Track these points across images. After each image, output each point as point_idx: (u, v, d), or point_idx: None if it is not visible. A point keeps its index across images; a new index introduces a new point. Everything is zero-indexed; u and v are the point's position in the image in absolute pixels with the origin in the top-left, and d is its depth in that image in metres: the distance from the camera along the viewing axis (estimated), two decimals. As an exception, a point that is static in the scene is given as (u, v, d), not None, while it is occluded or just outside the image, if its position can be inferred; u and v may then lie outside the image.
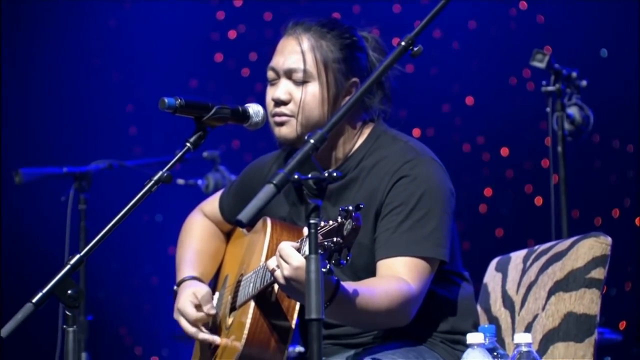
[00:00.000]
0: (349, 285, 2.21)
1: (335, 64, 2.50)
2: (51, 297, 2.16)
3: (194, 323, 2.52)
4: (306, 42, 2.50)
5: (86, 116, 4.68)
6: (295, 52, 2.50)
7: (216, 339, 2.51)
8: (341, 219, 2.00)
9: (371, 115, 2.55)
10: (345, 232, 1.99)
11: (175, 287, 2.61)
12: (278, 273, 2.15)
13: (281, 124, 2.49)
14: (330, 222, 2.02)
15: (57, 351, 3.23)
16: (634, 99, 4.51)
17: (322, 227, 2.03)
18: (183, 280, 2.60)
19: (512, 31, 4.66)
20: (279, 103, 2.49)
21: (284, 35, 2.55)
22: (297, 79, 2.49)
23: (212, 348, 2.57)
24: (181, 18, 4.81)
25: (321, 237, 2.01)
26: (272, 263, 2.17)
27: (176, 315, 2.55)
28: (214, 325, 2.57)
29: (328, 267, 2.01)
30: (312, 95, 2.48)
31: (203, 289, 2.56)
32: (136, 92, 4.69)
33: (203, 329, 2.52)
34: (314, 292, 1.92)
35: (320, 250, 1.95)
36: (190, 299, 2.53)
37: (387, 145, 2.50)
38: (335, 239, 1.99)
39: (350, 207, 2.01)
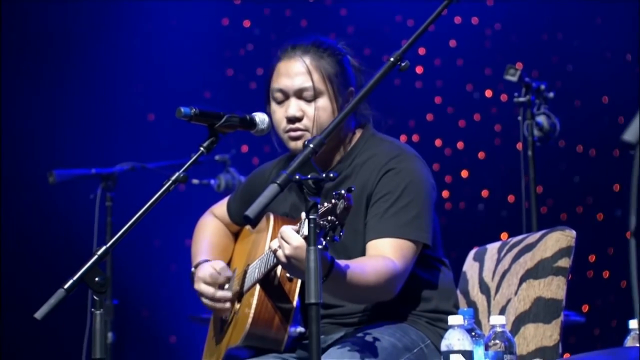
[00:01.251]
0: (342, 263, 2.21)
1: (335, 78, 2.49)
2: (81, 283, 2.15)
3: (212, 284, 2.51)
4: (309, 63, 2.49)
5: (112, 123, 4.67)
6: (302, 73, 2.48)
7: (227, 294, 2.49)
8: (334, 200, 2.00)
9: (361, 121, 2.55)
10: (338, 211, 1.98)
11: (192, 269, 2.60)
12: (280, 252, 2.15)
13: (297, 138, 2.48)
14: (325, 204, 2.02)
15: (87, 331, 3.23)
16: (596, 109, 4.51)
17: (320, 208, 2.03)
18: (199, 264, 2.59)
19: (487, 49, 4.65)
20: (293, 120, 2.48)
21: (284, 59, 2.52)
22: (307, 97, 2.48)
23: (223, 327, 2.56)
24: (199, 37, 4.81)
25: (317, 218, 2.01)
26: (274, 244, 2.17)
27: (197, 284, 2.53)
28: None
29: (324, 243, 2.00)
30: (323, 109, 2.48)
31: (219, 263, 2.56)
32: (157, 102, 4.68)
33: (228, 293, 2.51)
34: (313, 279, 1.92)
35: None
36: (209, 269, 2.52)
37: (376, 145, 2.50)
38: (329, 218, 1.98)
39: (342, 190, 2.01)
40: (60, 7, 4.73)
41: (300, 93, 2.49)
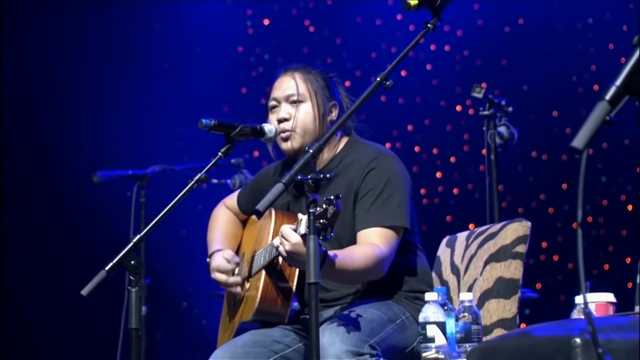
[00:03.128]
0: (334, 253, 2.20)
1: (320, 90, 2.49)
2: (119, 266, 2.15)
3: (225, 272, 2.49)
4: (298, 76, 2.49)
5: (146, 132, 4.67)
6: (290, 83, 2.48)
7: (238, 280, 2.48)
8: (325, 205, 1.99)
9: (346, 130, 2.53)
10: (328, 215, 1.97)
11: (207, 259, 2.59)
12: (281, 248, 2.14)
13: (286, 139, 2.47)
14: (318, 209, 2.00)
15: (124, 305, 3.21)
16: (547, 121, 4.50)
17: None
18: (213, 253, 2.58)
19: (457, 71, 4.64)
20: (281, 121, 2.47)
21: (279, 77, 2.53)
22: (293, 100, 2.48)
23: (235, 306, 2.55)
24: (219, 61, 4.81)
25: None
26: (276, 241, 2.16)
27: (212, 274, 2.52)
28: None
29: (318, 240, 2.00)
30: (306, 112, 2.46)
31: (229, 252, 2.55)
32: (183, 115, 4.68)
33: (238, 278, 2.50)
34: (313, 263, 1.90)
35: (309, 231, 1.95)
36: (221, 260, 2.51)
37: (359, 149, 2.49)
38: (321, 221, 1.97)
39: (332, 197, 2.00)
40: (98, 32, 4.73)
41: (287, 98, 2.48)
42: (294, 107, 2.47)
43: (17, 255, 4.54)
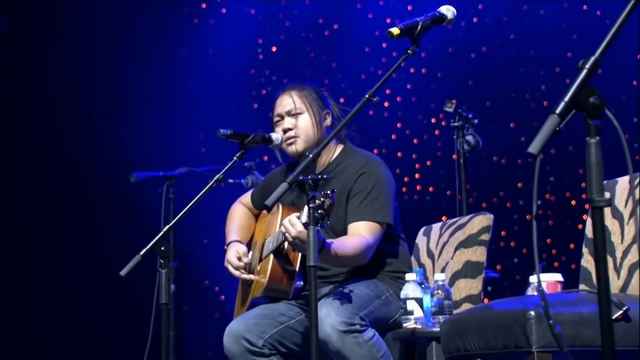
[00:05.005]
0: (330, 241, 2.20)
1: (314, 102, 2.49)
2: (152, 251, 2.14)
3: (236, 268, 2.49)
4: (294, 93, 2.50)
5: (174, 139, 4.67)
6: (289, 101, 2.49)
7: (251, 276, 2.48)
8: (322, 199, 1.98)
9: (340, 138, 2.53)
10: (325, 206, 1.97)
11: (225, 247, 2.58)
12: (287, 235, 2.13)
13: (291, 143, 2.48)
14: (316, 202, 2.00)
15: (156, 284, 3.20)
16: (506, 132, 4.49)
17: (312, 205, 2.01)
18: (230, 243, 2.57)
19: (433, 89, 4.63)
20: (286, 130, 2.47)
21: (279, 96, 2.54)
22: (293, 114, 2.48)
23: (249, 285, 2.54)
24: (235, 81, 4.80)
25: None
26: (284, 229, 2.15)
27: (226, 264, 2.52)
28: (249, 271, 2.54)
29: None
30: (305, 121, 2.47)
31: (242, 247, 2.54)
32: (205, 125, 4.66)
33: (243, 271, 2.49)
34: (312, 249, 1.90)
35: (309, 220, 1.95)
36: (235, 254, 2.50)
37: (353, 155, 2.48)
38: (319, 211, 1.96)
39: (328, 192, 1.99)
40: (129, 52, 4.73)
41: (289, 112, 2.48)
42: (294, 119, 2.47)
43: (66, 243, 4.54)
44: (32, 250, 4.52)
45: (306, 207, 1.97)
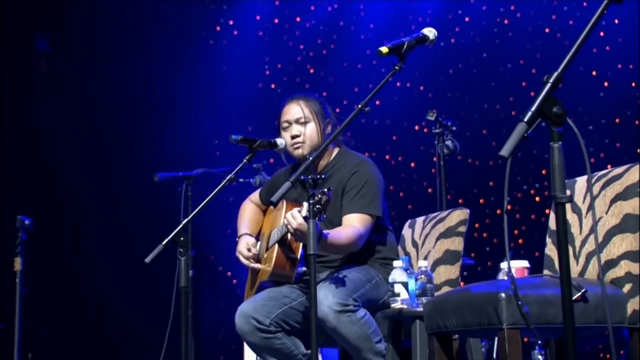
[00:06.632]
0: (327, 232, 2.20)
1: (319, 112, 2.48)
2: (172, 241, 2.13)
3: (246, 258, 2.48)
4: (302, 103, 2.48)
5: (192, 144, 4.67)
6: (298, 109, 2.47)
7: (258, 265, 2.47)
8: (320, 195, 1.97)
9: (337, 143, 2.52)
10: (322, 202, 1.96)
11: (237, 239, 2.57)
12: (290, 227, 2.13)
13: (297, 147, 2.46)
14: (315, 198, 1.99)
15: (176, 270, 3.17)
16: (479, 138, 4.48)
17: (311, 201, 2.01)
18: (241, 235, 2.56)
19: (416, 101, 4.62)
20: (294, 137, 2.46)
21: (287, 104, 2.51)
22: (301, 122, 2.47)
23: (256, 271, 2.53)
24: (245, 94, 4.81)
25: (309, 206, 1.98)
26: (286, 221, 2.14)
27: (237, 254, 2.51)
28: (257, 259, 2.53)
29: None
30: (311, 129, 2.46)
31: (251, 239, 2.53)
32: (219, 132, 4.65)
33: (252, 261, 2.48)
34: (312, 239, 1.89)
35: (309, 214, 1.95)
36: (245, 245, 2.49)
37: (347, 157, 2.48)
38: (317, 207, 1.95)
39: (325, 189, 1.99)
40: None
41: (297, 120, 2.46)
42: (302, 126, 2.46)
43: (98, 235, 4.54)
44: (67, 241, 4.52)
45: (306, 203, 1.96)
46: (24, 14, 4.62)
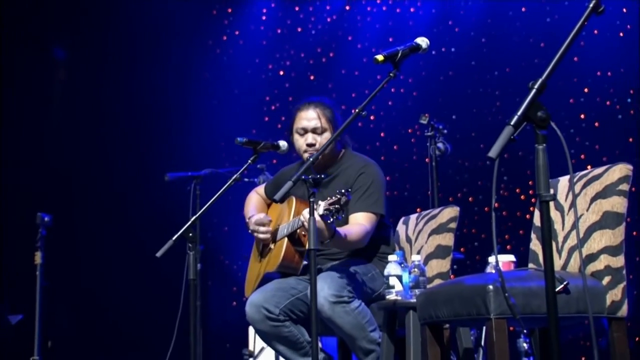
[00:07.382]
0: (338, 229, 2.20)
1: (333, 120, 2.46)
2: (182, 237, 2.13)
3: (259, 223, 2.43)
4: (319, 111, 2.45)
5: (200, 146, 4.68)
6: (315, 118, 2.43)
7: (268, 236, 2.43)
8: (340, 196, 1.97)
9: (344, 145, 2.51)
10: (342, 203, 1.97)
11: (247, 220, 2.55)
12: (307, 223, 2.12)
13: (310, 153, 2.44)
14: (334, 198, 2.00)
15: (185, 263, 3.17)
16: (469, 140, 4.47)
17: (330, 200, 2.01)
18: (250, 217, 2.53)
19: (409, 105, 4.63)
20: (310, 145, 2.44)
21: (303, 109, 2.46)
22: (317, 132, 2.44)
23: (261, 261, 2.52)
24: (250, 100, 4.82)
25: (328, 205, 1.99)
26: (303, 218, 2.14)
27: (251, 225, 2.45)
28: (263, 250, 2.53)
29: (332, 220, 1.99)
30: (326, 139, 2.43)
31: (262, 214, 2.51)
32: (225, 134, 4.65)
33: (262, 227, 2.43)
34: (313, 236, 1.89)
35: (327, 212, 1.96)
36: (259, 215, 2.47)
37: (353, 158, 2.48)
38: (336, 206, 1.96)
39: (344, 190, 1.98)
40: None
41: (314, 130, 2.44)
42: (318, 135, 2.43)
43: (113, 231, 4.53)
44: (84, 236, 4.52)
45: (322, 203, 1.97)
46: (42, 26, 4.63)
